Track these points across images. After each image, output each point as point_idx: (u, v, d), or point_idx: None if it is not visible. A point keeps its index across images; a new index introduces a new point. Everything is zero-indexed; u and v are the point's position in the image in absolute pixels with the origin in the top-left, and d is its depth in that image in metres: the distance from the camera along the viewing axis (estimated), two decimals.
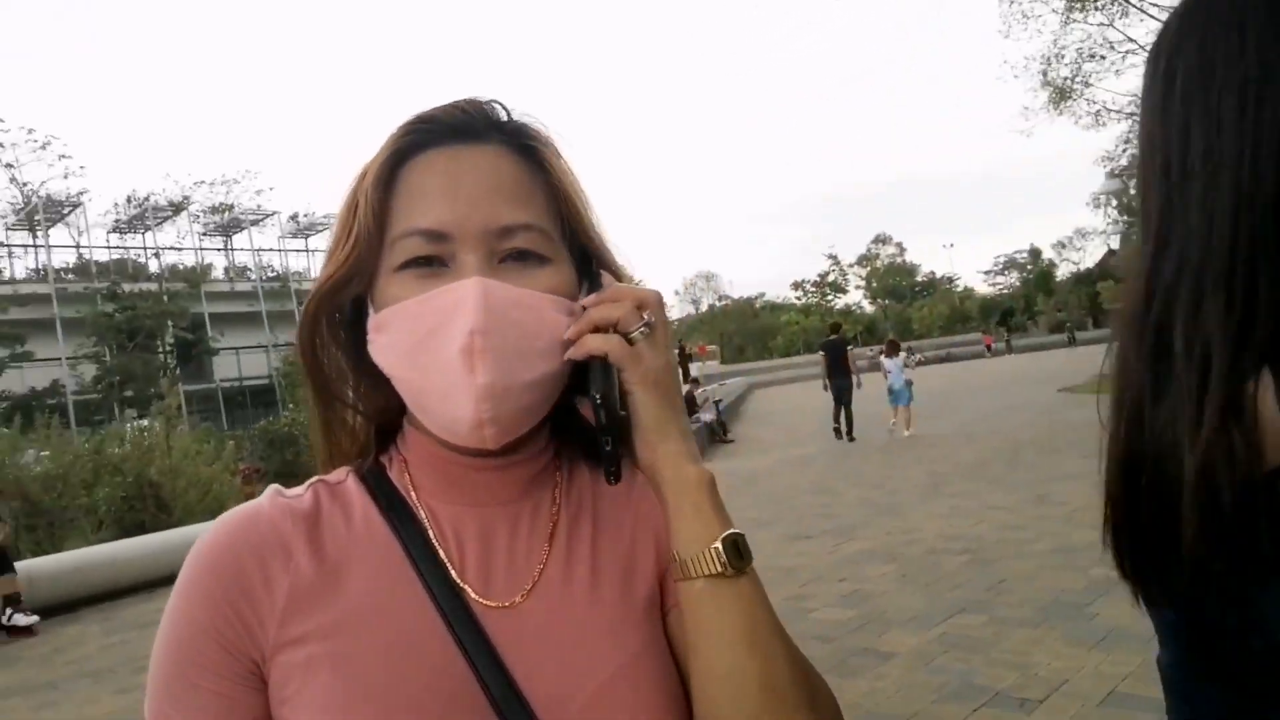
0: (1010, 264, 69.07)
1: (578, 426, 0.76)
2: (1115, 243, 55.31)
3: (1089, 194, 64.16)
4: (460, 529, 0.71)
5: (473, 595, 0.68)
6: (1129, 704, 3.52)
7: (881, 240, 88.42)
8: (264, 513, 0.69)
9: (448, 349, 0.63)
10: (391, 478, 0.74)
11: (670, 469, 0.67)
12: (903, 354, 14.77)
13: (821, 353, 15.17)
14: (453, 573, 0.69)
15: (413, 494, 0.72)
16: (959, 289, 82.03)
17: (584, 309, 0.69)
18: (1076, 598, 4.93)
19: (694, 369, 31.08)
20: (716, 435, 16.74)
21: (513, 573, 0.70)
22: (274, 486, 0.73)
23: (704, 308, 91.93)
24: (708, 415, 17.42)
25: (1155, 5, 17.37)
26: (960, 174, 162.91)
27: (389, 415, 0.75)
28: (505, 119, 0.71)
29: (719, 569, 0.65)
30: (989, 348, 53.75)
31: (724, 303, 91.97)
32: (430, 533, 0.70)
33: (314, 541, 0.68)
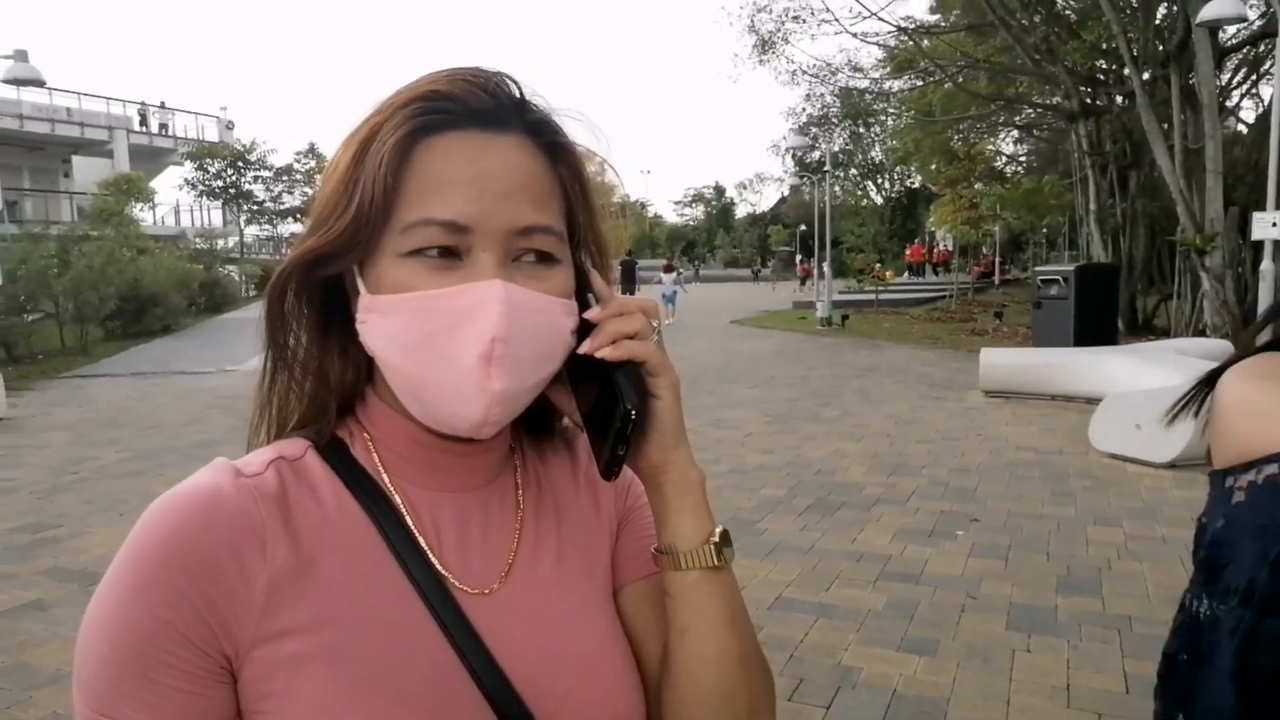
0: (698, 198, 73.37)
1: (529, 411, 0.74)
2: (787, 190, 60.50)
3: (769, 141, 69.50)
4: (437, 514, 0.70)
5: (454, 583, 0.68)
6: (793, 607, 4.09)
7: (585, 156, 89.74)
8: (228, 496, 0.63)
9: (465, 351, 0.62)
10: (355, 456, 0.70)
11: (679, 471, 0.70)
12: (675, 273, 23.59)
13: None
14: (433, 560, 0.68)
15: (384, 476, 0.70)
16: (651, 215, 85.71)
17: (590, 322, 0.69)
18: (749, 515, 5.48)
19: None
20: None
21: (487, 559, 0.71)
22: (226, 462, 0.67)
23: None
24: None
25: None
26: (667, 106, 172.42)
27: (347, 388, 0.71)
28: (523, 102, 0.69)
29: (713, 562, 0.69)
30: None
31: None
32: (407, 519, 0.69)
33: (288, 527, 0.64)
